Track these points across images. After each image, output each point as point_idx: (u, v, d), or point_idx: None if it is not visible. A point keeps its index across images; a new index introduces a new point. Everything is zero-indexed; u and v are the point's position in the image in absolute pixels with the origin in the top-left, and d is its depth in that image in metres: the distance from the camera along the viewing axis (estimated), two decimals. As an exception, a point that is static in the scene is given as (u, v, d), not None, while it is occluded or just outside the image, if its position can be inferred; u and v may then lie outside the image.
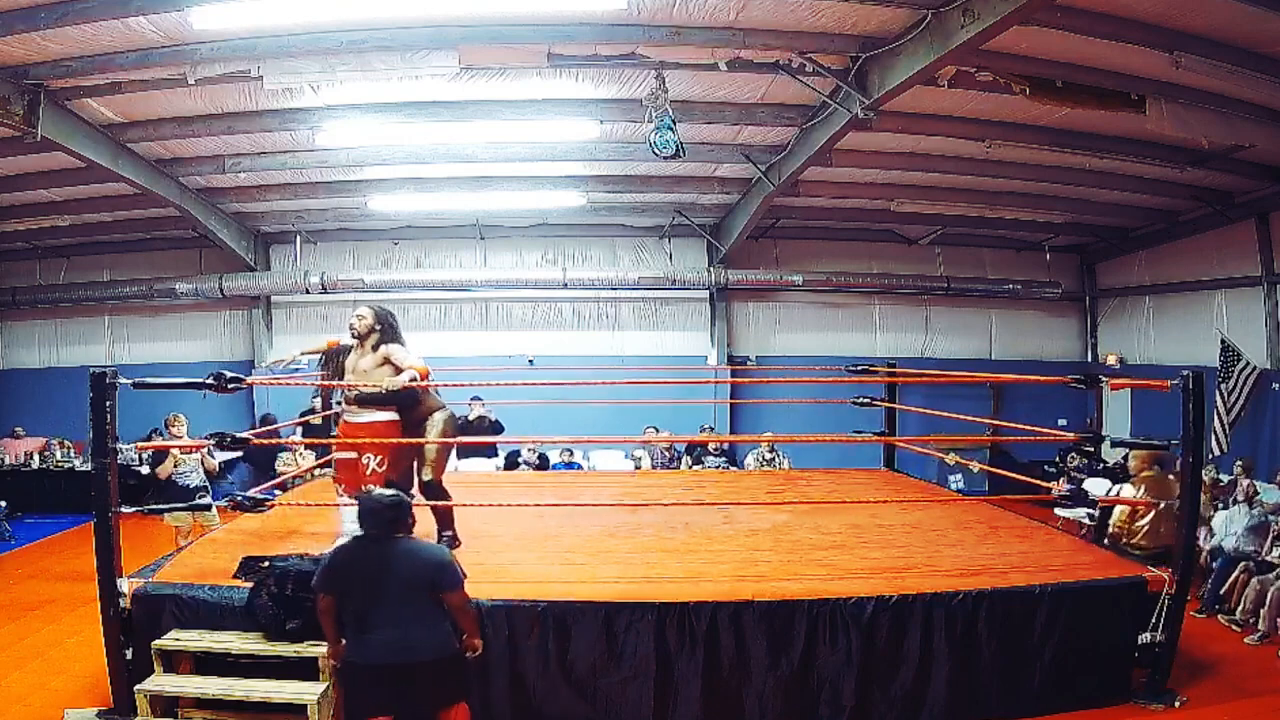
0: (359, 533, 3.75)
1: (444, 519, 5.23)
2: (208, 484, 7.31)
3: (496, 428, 9.36)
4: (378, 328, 5.07)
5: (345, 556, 3.73)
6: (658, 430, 9.96)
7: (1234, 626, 6.08)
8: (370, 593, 3.58)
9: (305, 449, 9.49)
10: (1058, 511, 8.14)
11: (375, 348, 5.03)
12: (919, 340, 12.40)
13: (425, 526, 5.19)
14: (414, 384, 4.78)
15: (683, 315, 12.10)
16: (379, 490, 3.88)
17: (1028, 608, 4.57)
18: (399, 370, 4.88)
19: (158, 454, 7.01)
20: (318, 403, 10.01)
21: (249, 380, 5.14)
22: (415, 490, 5.17)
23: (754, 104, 7.61)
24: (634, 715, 4.36)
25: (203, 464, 7.27)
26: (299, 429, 9.46)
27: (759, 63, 6.60)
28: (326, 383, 5.84)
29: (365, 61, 6.25)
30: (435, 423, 5.17)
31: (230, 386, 4.74)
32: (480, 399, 9.42)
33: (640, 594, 4.47)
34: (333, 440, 5.52)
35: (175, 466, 7.00)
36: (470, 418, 9.30)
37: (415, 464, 5.22)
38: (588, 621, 4.36)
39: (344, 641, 3.68)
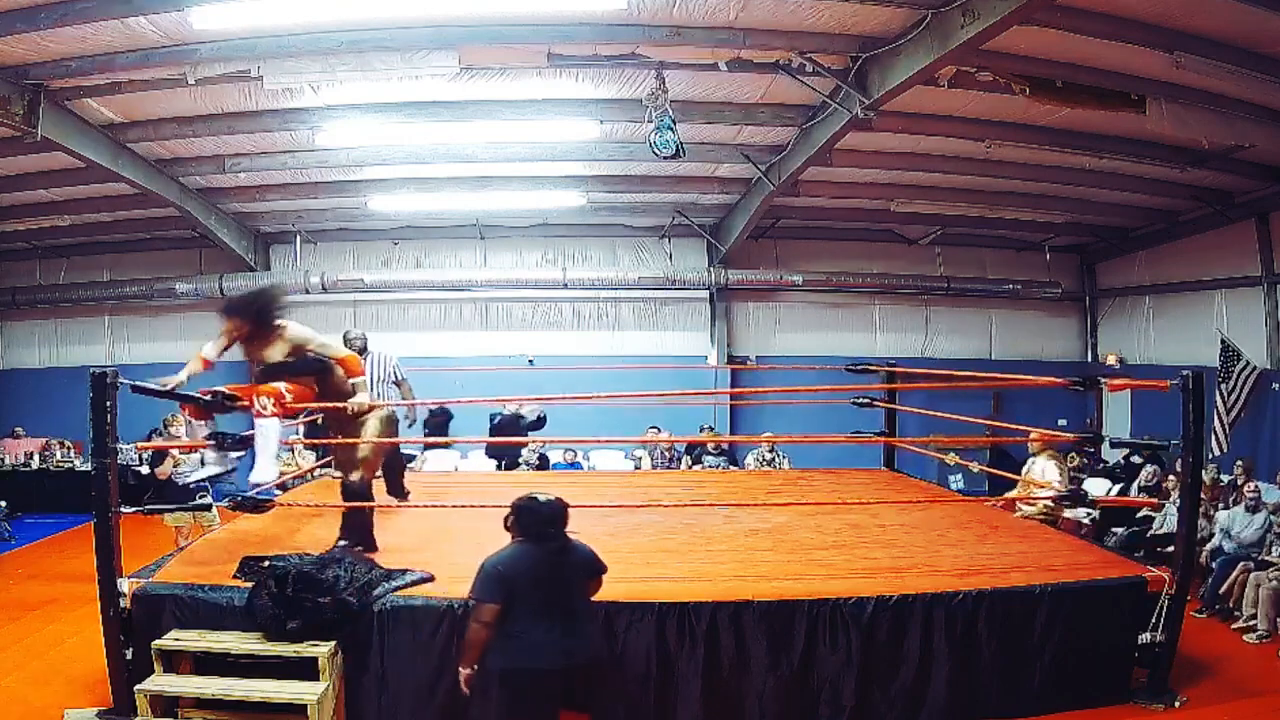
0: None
1: (354, 525, 5.00)
2: (207, 484, 7.31)
3: (540, 423, 9.33)
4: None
5: (515, 561, 3.63)
6: (660, 430, 9.97)
7: (1235, 627, 6.08)
8: (543, 596, 3.56)
9: (305, 449, 9.49)
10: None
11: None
12: (919, 340, 12.40)
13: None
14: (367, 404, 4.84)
15: (683, 315, 12.10)
16: (541, 495, 3.79)
17: (1028, 608, 4.57)
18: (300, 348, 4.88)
19: (157, 454, 7.02)
20: None
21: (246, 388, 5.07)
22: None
23: (754, 104, 7.61)
24: (634, 715, 4.36)
25: (202, 463, 7.26)
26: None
27: (759, 63, 6.60)
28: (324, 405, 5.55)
29: (365, 61, 6.26)
30: (370, 423, 5.06)
31: (227, 405, 4.75)
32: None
33: (640, 594, 4.46)
34: (332, 441, 5.49)
35: (175, 466, 7.00)
36: (521, 412, 9.28)
37: (344, 464, 5.11)
38: (588, 621, 4.35)
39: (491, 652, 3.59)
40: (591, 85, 7.17)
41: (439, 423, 9.64)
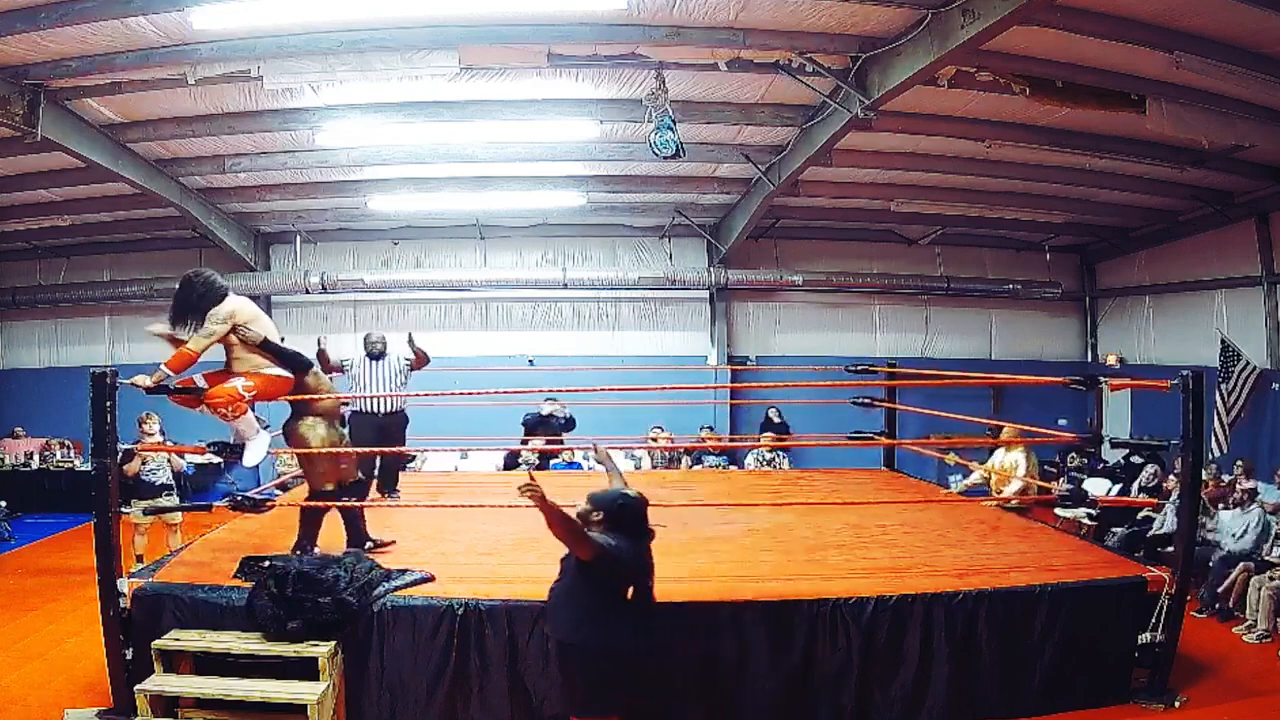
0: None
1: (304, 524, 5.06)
2: (173, 483, 7.38)
3: (570, 424, 9.30)
4: None
5: (631, 550, 3.59)
6: (663, 429, 9.97)
7: (1236, 628, 6.08)
8: (635, 586, 3.62)
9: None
10: (1058, 511, 8.18)
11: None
12: (919, 340, 12.41)
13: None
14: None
15: (683, 315, 12.11)
16: (629, 491, 3.74)
17: (1028, 608, 4.57)
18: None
19: (125, 452, 7.10)
20: None
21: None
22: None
23: (754, 104, 7.61)
24: (632, 715, 4.35)
25: (170, 463, 7.33)
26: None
27: (759, 63, 6.60)
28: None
29: (365, 61, 6.25)
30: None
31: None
32: (555, 398, 9.33)
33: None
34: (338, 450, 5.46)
35: (143, 464, 7.03)
36: (543, 413, 9.25)
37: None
38: (588, 621, 4.35)
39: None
40: (591, 85, 7.16)
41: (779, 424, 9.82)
